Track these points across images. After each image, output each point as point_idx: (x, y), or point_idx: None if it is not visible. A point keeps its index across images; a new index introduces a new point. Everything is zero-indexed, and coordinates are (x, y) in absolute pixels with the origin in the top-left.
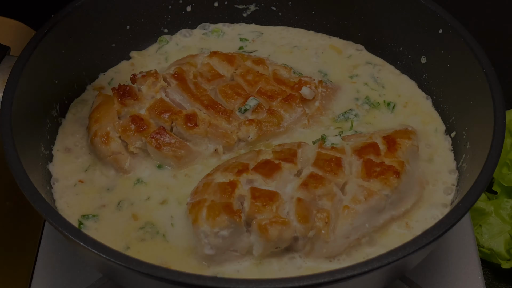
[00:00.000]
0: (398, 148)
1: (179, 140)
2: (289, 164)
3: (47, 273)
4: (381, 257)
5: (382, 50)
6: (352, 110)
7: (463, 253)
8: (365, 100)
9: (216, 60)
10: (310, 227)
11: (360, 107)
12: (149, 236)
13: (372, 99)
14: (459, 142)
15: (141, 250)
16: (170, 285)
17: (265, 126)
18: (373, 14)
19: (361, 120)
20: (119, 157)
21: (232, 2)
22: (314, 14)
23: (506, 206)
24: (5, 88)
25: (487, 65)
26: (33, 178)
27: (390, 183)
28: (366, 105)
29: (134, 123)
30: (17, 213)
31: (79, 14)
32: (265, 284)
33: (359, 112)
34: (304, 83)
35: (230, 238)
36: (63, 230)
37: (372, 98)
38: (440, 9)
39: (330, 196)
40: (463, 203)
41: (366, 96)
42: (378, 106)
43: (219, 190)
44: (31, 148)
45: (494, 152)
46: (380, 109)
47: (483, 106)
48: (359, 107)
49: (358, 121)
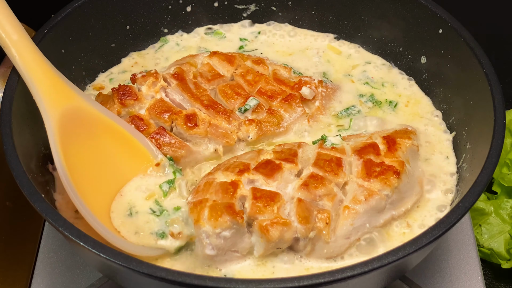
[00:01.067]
0: (398, 148)
1: (179, 140)
2: (290, 164)
3: (47, 273)
4: (381, 257)
5: (382, 50)
6: (354, 107)
7: (463, 253)
8: (369, 98)
9: (216, 60)
10: (311, 227)
11: (363, 104)
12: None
13: (373, 98)
14: (459, 142)
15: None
16: (170, 285)
17: (265, 126)
18: (373, 14)
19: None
20: None
21: (232, 2)
22: (314, 14)
23: (506, 206)
24: (5, 88)
25: (487, 65)
26: (33, 178)
27: (390, 183)
28: (370, 102)
29: (134, 123)
30: (17, 213)
31: (79, 14)
32: (265, 284)
33: (361, 108)
34: (304, 83)
35: (231, 238)
36: (63, 230)
37: (373, 97)
38: (440, 9)
39: (331, 197)
40: (463, 203)
41: (367, 94)
42: (380, 105)
43: (221, 190)
44: (31, 148)
45: (494, 152)
46: (382, 107)
47: (483, 106)
48: (362, 104)
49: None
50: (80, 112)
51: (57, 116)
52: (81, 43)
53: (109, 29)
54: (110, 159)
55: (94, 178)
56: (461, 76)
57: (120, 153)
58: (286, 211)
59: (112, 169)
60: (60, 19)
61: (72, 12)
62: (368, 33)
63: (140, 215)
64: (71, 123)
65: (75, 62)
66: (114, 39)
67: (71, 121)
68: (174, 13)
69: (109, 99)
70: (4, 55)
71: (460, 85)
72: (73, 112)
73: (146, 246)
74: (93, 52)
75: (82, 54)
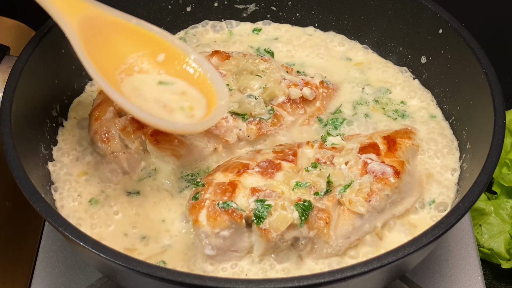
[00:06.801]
0: (398, 148)
1: (179, 139)
2: (290, 164)
3: (47, 273)
4: (381, 257)
5: (382, 50)
6: (354, 107)
7: (463, 253)
8: (369, 98)
9: (216, 59)
10: (311, 227)
11: (363, 104)
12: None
13: (373, 98)
14: (459, 142)
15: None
16: (170, 285)
17: (265, 126)
18: (373, 14)
19: (362, 115)
20: (120, 155)
21: (232, 2)
22: (313, 14)
23: (506, 206)
24: (5, 88)
25: (487, 65)
26: (33, 178)
27: (391, 183)
28: (370, 102)
29: (134, 122)
30: (17, 213)
31: None
32: (265, 284)
33: (361, 108)
34: (305, 83)
35: (230, 238)
36: (63, 230)
37: (372, 97)
38: (440, 9)
39: (331, 196)
40: (463, 203)
41: (367, 94)
42: (380, 104)
43: (220, 190)
44: (31, 148)
45: (494, 152)
46: (383, 106)
47: (483, 106)
48: (361, 103)
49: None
50: (96, 19)
51: (76, 27)
52: None
53: None
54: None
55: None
56: (461, 76)
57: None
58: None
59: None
60: None
61: None
62: (368, 33)
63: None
64: (90, 31)
65: (75, 62)
66: None
67: (90, 29)
68: (174, 13)
69: (109, 98)
70: (4, 55)
71: (460, 85)
72: (90, 20)
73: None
74: None
75: None
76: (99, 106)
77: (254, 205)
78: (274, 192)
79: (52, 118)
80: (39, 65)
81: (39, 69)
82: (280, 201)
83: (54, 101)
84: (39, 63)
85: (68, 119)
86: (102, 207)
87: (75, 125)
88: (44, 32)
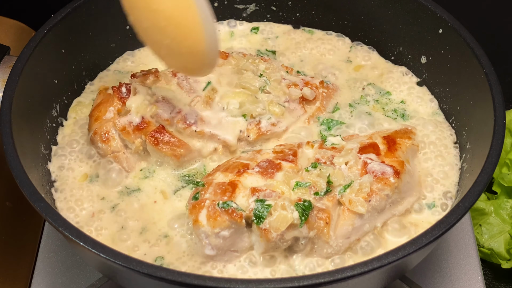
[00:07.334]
0: (398, 148)
1: (178, 139)
2: (290, 164)
3: (47, 273)
4: (381, 257)
5: (382, 50)
6: (354, 107)
7: (463, 253)
8: (369, 98)
9: None
10: (311, 227)
11: (363, 104)
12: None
13: (374, 98)
14: (459, 142)
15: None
16: (170, 285)
17: (265, 126)
18: (373, 14)
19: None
20: (119, 155)
21: (232, 2)
22: (314, 14)
23: (506, 206)
24: (5, 88)
25: (487, 65)
26: (33, 178)
27: (391, 183)
28: (370, 102)
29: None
30: (17, 213)
31: (79, 14)
32: (265, 284)
33: (361, 108)
34: (306, 83)
35: (230, 238)
36: (63, 230)
37: (372, 97)
38: (440, 9)
39: (331, 196)
40: (463, 203)
41: (367, 94)
42: (380, 104)
43: (220, 190)
44: (31, 148)
45: (494, 152)
46: (383, 106)
47: (483, 106)
48: (361, 103)
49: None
50: None
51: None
52: (81, 43)
53: (109, 29)
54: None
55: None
56: (461, 76)
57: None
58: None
59: None
60: (60, 19)
61: (72, 12)
62: (368, 33)
63: None
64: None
65: (75, 62)
66: (114, 39)
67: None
68: None
69: (109, 98)
70: (4, 55)
71: (460, 85)
72: None
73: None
74: (93, 52)
75: (82, 54)
76: (99, 106)
77: (254, 205)
78: (274, 192)
79: (52, 118)
80: (39, 65)
81: (39, 69)
82: (280, 201)
83: (54, 101)
84: (39, 63)
85: (68, 119)
86: (101, 206)
87: (75, 125)
88: (44, 32)
